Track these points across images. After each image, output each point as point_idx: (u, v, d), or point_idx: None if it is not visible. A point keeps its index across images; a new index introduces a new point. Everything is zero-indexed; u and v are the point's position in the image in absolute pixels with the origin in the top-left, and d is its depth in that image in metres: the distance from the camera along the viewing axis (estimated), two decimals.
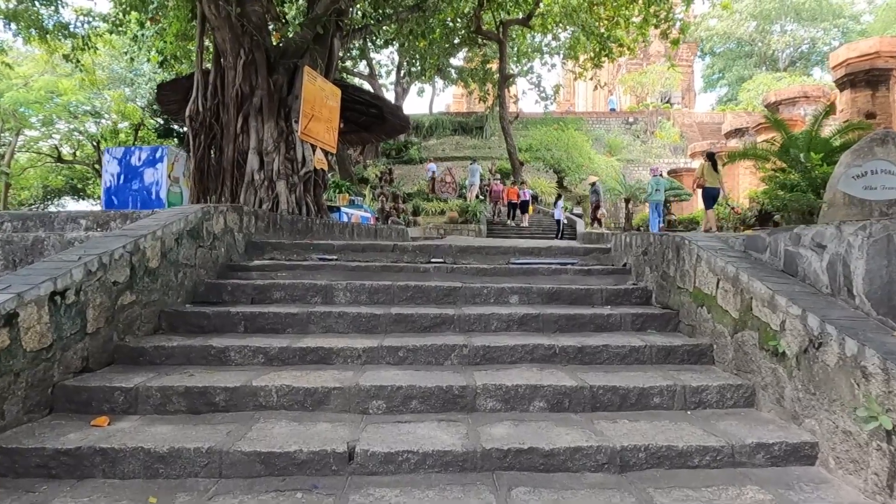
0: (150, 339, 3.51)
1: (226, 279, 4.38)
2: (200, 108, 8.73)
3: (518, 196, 20.22)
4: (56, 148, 34.78)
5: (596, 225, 17.82)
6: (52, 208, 41.35)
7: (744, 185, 25.59)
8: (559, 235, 17.38)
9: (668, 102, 43.78)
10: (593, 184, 18.63)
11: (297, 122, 8.77)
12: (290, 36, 9.18)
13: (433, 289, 4.18)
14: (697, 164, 30.97)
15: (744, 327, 3.13)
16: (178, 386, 2.87)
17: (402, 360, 3.36)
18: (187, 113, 8.77)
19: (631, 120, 41.12)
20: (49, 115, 29.23)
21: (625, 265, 4.63)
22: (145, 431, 2.58)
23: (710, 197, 12.99)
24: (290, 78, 9.06)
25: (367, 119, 12.59)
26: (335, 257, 4.73)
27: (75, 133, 33.02)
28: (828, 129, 15.79)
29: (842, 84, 14.86)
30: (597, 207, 17.72)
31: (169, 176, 9.81)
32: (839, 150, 11.85)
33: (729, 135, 27.95)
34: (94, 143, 31.68)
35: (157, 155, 10.32)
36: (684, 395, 2.97)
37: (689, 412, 2.93)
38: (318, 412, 2.87)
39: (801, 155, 11.41)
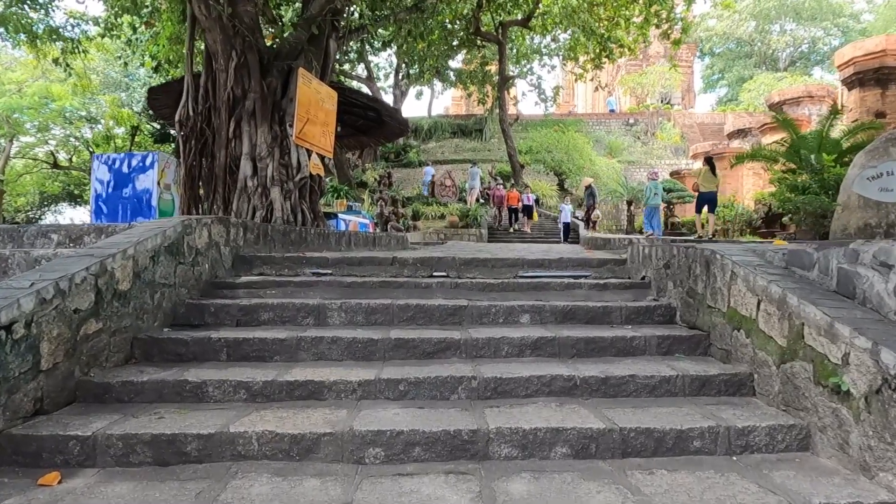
0: (119, 371, 3.11)
1: (210, 298, 4.00)
2: (191, 113, 8.36)
3: (519, 201, 19.68)
4: (52, 154, 34.44)
5: (591, 228, 17.38)
6: (49, 215, 41.01)
7: (747, 186, 25.25)
8: (564, 239, 16.90)
9: (668, 103, 43.51)
10: (589, 186, 18.07)
11: (291, 126, 8.40)
12: (284, 37, 8.82)
13: (436, 308, 3.77)
14: (699, 165, 30.66)
15: (793, 357, 2.73)
16: (144, 433, 2.47)
17: (403, 395, 2.96)
18: (177, 118, 8.40)
19: (631, 121, 40.82)
20: (44, 121, 28.90)
21: (643, 279, 4.23)
22: (100, 493, 2.18)
23: (706, 200, 12.84)
24: (285, 80, 8.70)
25: (365, 122, 12.24)
26: (330, 272, 4.34)
27: (71, 139, 32.71)
28: (836, 129, 15.47)
29: (850, 83, 14.51)
30: (591, 210, 17.27)
31: (160, 183, 9.43)
32: (850, 150, 11.52)
33: (731, 135, 27.64)
34: (90, 149, 31.36)
35: (148, 161, 9.95)
36: (728, 438, 2.58)
37: (734, 458, 2.54)
38: (305, 462, 2.47)
39: (812, 156, 11.06)
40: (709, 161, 13.00)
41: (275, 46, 8.82)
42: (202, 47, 8.94)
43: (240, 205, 8.25)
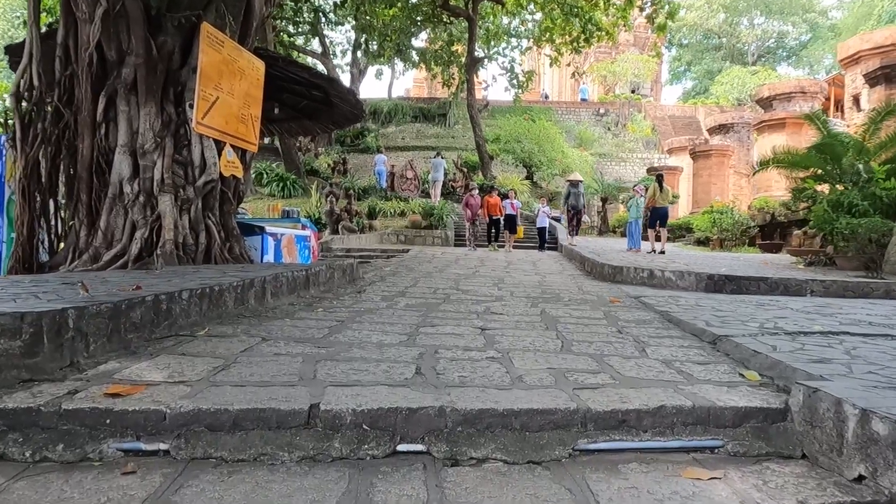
0: None
1: None
2: (36, 83, 5.68)
3: (500, 210, 14.83)
4: None
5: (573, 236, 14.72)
6: None
7: (731, 186, 23.74)
8: (541, 246, 14.65)
9: (637, 93, 42.03)
10: (577, 184, 14.73)
11: (192, 106, 5.86)
12: None
13: None
14: (675, 160, 29.07)
15: None
16: None
17: None
18: (12, 89, 5.71)
19: (602, 111, 39.17)
20: None
21: (861, 480, 1.99)
22: None
23: (662, 216, 12.72)
24: (185, 42, 6.14)
25: (310, 104, 9.67)
26: (165, 447, 1.93)
27: None
28: (852, 129, 13.72)
29: (874, 79, 12.77)
30: (577, 213, 14.47)
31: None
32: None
33: (712, 131, 26.11)
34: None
35: None
36: None
37: None
38: None
39: (860, 166, 9.17)
40: (659, 179, 12.95)
41: None
42: None
43: (111, 220, 5.70)
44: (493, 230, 15.18)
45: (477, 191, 15.11)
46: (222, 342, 3.06)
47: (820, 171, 10.23)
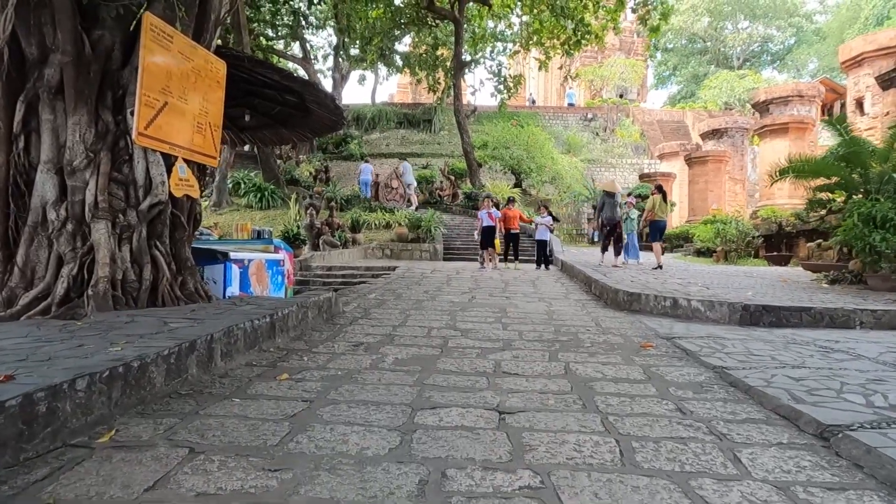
0: None
1: None
2: None
3: (516, 223, 13.43)
4: None
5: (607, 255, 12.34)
6: None
7: (726, 192, 23.08)
8: (546, 264, 13.05)
9: (623, 98, 41.53)
10: (613, 194, 12.30)
11: (133, 113, 4.84)
12: None
13: None
14: (666, 166, 28.43)
15: None
16: None
17: None
18: None
19: (589, 116, 38.55)
20: None
21: None
22: None
23: (660, 229, 12.10)
24: (127, 37, 5.12)
25: (284, 109, 8.66)
26: None
27: None
28: (856, 133, 13.01)
29: (887, 81, 12.05)
30: (614, 227, 11.96)
31: None
32: None
33: (705, 136, 25.44)
34: None
35: None
36: None
37: None
38: None
39: (895, 175, 8.40)
40: (660, 190, 12.19)
41: None
42: None
43: (32, 254, 4.67)
44: (512, 245, 13.72)
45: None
46: (125, 462, 2.06)
47: (840, 180, 9.49)
